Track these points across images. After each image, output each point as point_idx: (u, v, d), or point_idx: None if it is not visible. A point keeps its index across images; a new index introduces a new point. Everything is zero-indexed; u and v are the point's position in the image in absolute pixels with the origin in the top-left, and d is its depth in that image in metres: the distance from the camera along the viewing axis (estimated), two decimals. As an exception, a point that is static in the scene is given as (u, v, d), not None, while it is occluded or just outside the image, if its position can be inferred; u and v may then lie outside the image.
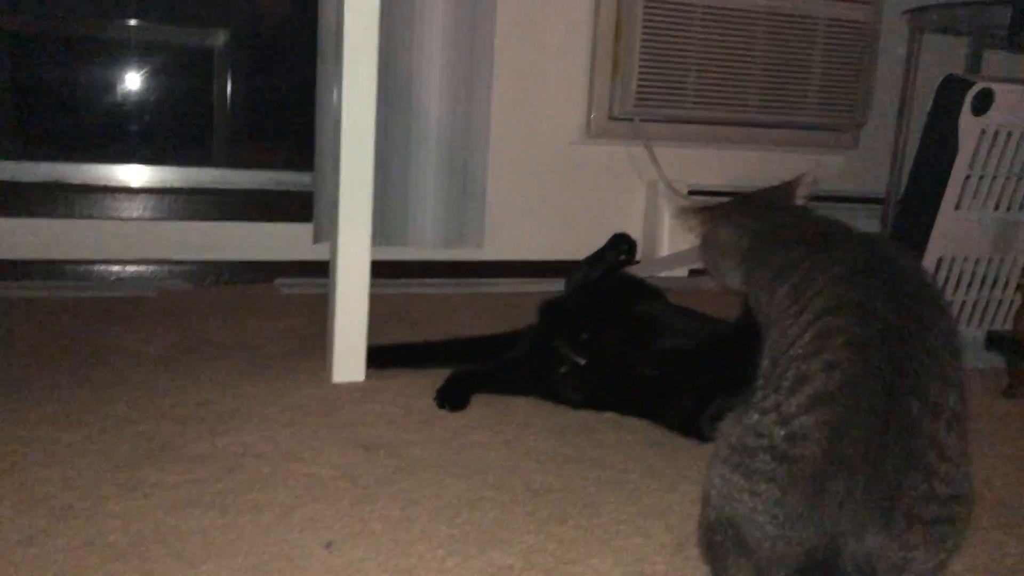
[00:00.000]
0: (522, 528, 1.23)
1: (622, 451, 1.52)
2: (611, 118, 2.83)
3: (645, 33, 2.73)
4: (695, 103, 2.83)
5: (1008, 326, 2.04)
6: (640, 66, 2.74)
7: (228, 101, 2.84)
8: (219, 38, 2.85)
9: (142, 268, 2.58)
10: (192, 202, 2.63)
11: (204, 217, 2.63)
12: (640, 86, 2.75)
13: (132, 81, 2.75)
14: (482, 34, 2.62)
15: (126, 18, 2.74)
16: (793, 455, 0.92)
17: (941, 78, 2.13)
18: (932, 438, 0.91)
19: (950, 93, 2.02)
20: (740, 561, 0.99)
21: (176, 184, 2.67)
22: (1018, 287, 2.03)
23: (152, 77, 2.77)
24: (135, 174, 2.65)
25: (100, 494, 1.25)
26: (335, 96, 1.76)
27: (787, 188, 1.40)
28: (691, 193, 2.93)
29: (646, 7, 2.71)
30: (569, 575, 1.12)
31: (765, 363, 1.06)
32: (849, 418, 0.91)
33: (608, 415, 1.69)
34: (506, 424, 1.62)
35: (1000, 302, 2.17)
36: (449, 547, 1.17)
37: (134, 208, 2.57)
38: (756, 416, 0.98)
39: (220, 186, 2.71)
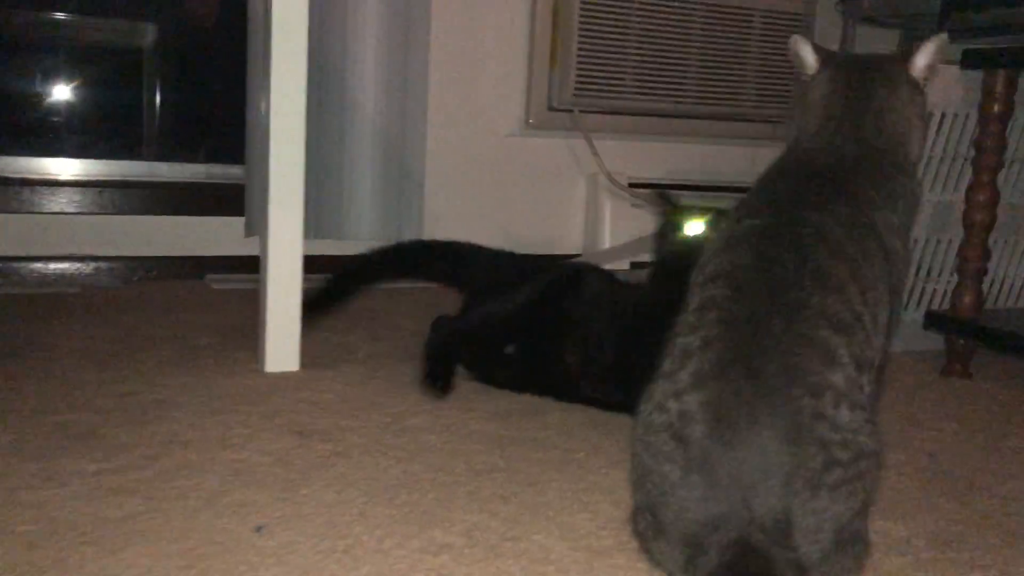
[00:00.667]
0: (464, 507, 1.18)
1: (566, 432, 1.49)
2: (550, 109, 2.80)
3: (583, 23, 2.71)
4: (634, 94, 2.82)
5: (946, 307, 2.05)
6: (578, 57, 2.73)
7: (158, 93, 2.75)
8: (149, 31, 2.76)
9: (67, 265, 2.47)
10: (120, 196, 2.53)
11: (132, 211, 2.53)
12: (579, 77, 2.73)
13: (59, 74, 2.65)
14: (417, 24, 2.57)
15: (55, 11, 2.64)
16: (685, 435, 0.92)
17: (875, 62, 2.15)
18: (816, 413, 0.90)
19: (885, 73, 2.03)
20: (662, 544, 0.97)
21: (103, 177, 2.56)
22: (955, 268, 2.05)
23: (81, 69, 2.67)
24: (60, 167, 2.54)
25: (9, 485, 1.17)
26: (264, 86, 1.71)
27: (899, 59, 1.19)
28: (631, 185, 2.92)
29: (583, -2, 2.70)
30: (513, 551, 1.07)
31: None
32: (728, 400, 0.91)
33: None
34: (447, 408, 1.57)
35: (937, 283, 2.19)
36: (387, 528, 1.11)
37: (59, 202, 2.46)
38: (659, 382, 0.98)
39: (149, 179, 2.62)
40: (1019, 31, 2.00)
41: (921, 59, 1.19)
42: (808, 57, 1.22)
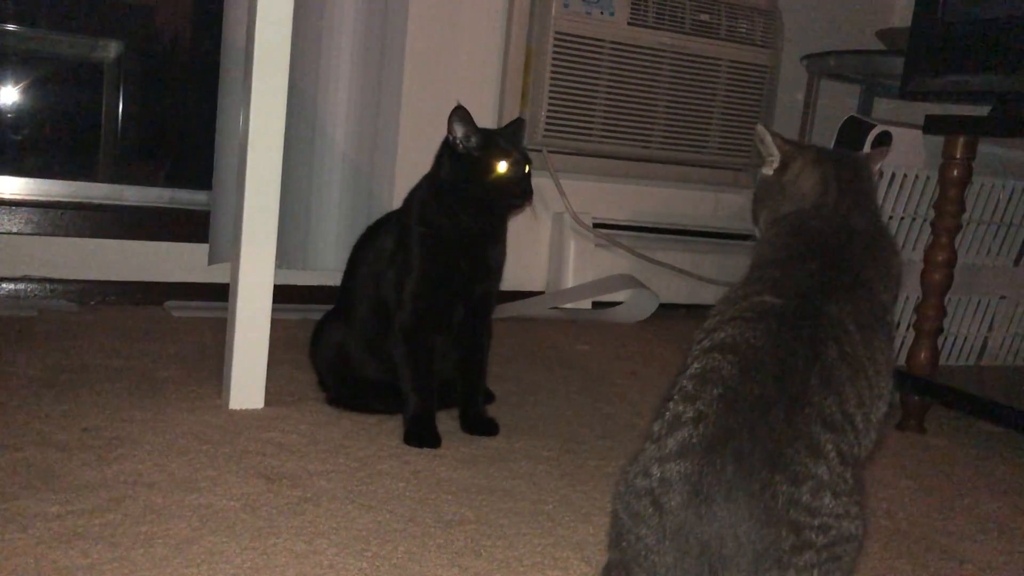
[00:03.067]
0: (435, 561, 1.18)
1: (535, 481, 1.49)
2: (519, 148, 2.82)
3: (555, 66, 2.75)
4: (602, 137, 2.86)
5: (902, 362, 2.10)
6: (549, 98, 2.76)
7: (119, 114, 2.72)
8: (111, 50, 2.72)
9: (21, 286, 2.42)
10: (77, 217, 2.48)
11: (90, 234, 2.49)
12: (549, 118, 2.76)
13: (13, 90, 2.60)
14: (390, 58, 2.59)
15: (7, 23, 2.59)
16: (663, 504, 0.94)
17: (840, 121, 2.21)
18: (791, 499, 0.92)
19: (852, 134, 2.09)
20: None
21: (60, 198, 2.52)
22: (911, 325, 2.10)
23: (37, 86, 2.63)
24: (14, 186, 2.49)
25: (-29, 527, 1.14)
26: (241, 115, 1.70)
27: (872, 158, 1.29)
28: (596, 226, 2.95)
29: (555, 41, 2.73)
30: (486, 610, 1.07)
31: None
32: (708, 475, 0.92)
33: (519, 444, 1.65)
34: (415, 454, 1.56)
35: (894, 340, 2.24)
36: (359, 582, 1.11)
37: (13, 222, 2.41)
38: (647, 445, 0.99)
39: (108, 202, 2.58)
40: (980, 98, 2.07)
41: (876, 163, 1.29)
42: (772, 148, 1.27)
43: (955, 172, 1.97)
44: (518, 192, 1.66)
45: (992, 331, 2.37)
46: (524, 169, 1.66)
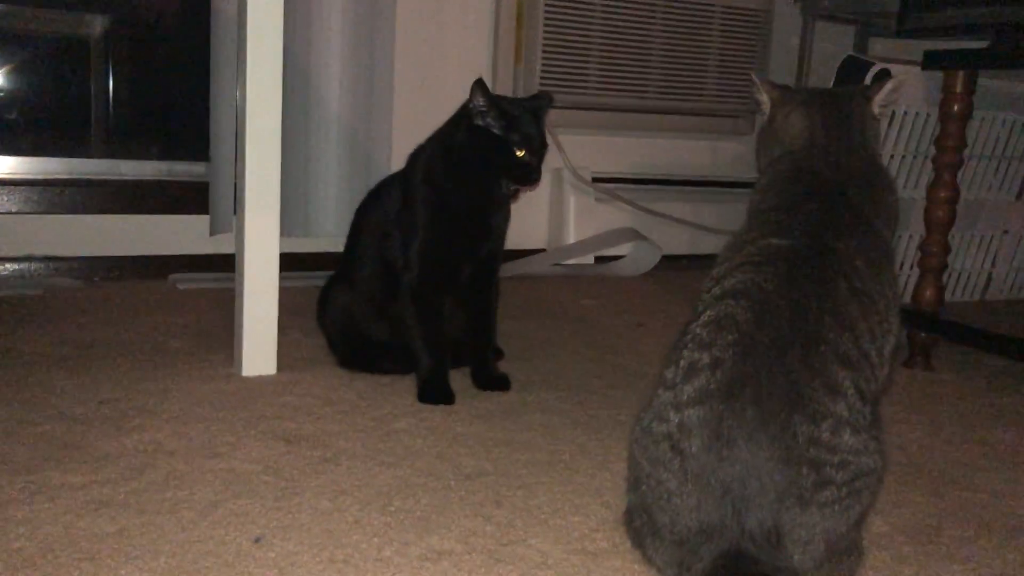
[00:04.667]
0: (458, 513, 1.19)
1: (550, 432, 1.50)
2: (515, 105, 2.81)
3: (547, 19, 2.72)
4: (598, 90, 2.85)
5: (908, 300, 2.11)
6: (543, 53, 2.74)
7: (110, 89, 2.69)
8: (99, 24, 2.70)
9: (25, 266, 2.42)
10: (76, 194, 2.48)
11: (90, 210, 2.49)
12: (543, 72, 2.75)
13: (2, 68, 2.58)
14: (382, 20, 2.56)
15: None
16: (683, 448, 0.95)
17: (839, 60, 2.20)
18: (812, 438, 0.93)
19: (851, 73, 2.08)
20: (656, 544, 1.01)
21: (57, 175, 2.51)
22: (915, 263, 2.11)
23: (24, 64, 2.60)
24: (9, 165, 2.48)
25: (0, 500, 1.15)
26: (237, 85, 1.69)
27: (866, 94, 1.27)
28: (595, 180, 2.94)
29: (547, -6, 2.71)
30: (512, 556, 1.09)
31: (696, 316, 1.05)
32: (729, 419, 0.94)
33: (532, 397, 1.67)
34: (430, 411, 1.57)
35: (899, 277, 2.25)
36: (385, 535, 1.12)
37: (12, 202, 2.41)
38: (661, 391, 1.00)
39: (105, 177, 2.57)
40: (977, 32, 2.06)
41: (880, 97, 1.27)
42: (762, 94, 1.28)
43: (955, 107, 1.96)
44: (527, 177, 1.63)
45: (995, 266, 2.38)
46: (540, 157, 1.63)
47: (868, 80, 2.04)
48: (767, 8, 2.99)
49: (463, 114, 1.65)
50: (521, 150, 1.60)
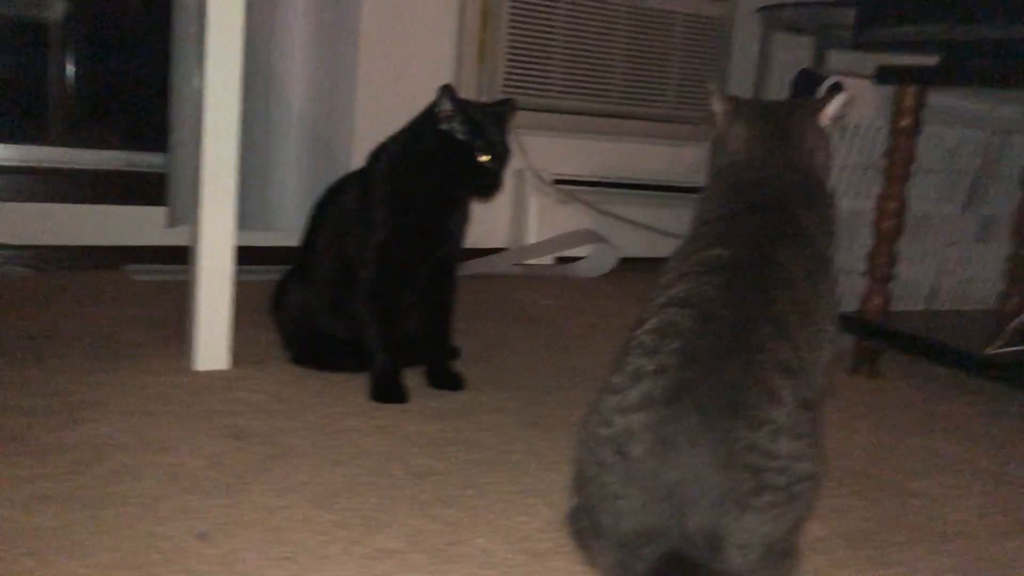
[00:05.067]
0: (405, 512, 1.21)
1: (501, 432, 1.52)
2: (478, 105, 2.82)
3: (512, 21, 2.74)
4: (560, 93, 2.87)
5: (855, 308, 2.15)
6: (507, 54, 2.75)
7: (69, 76, 2.66)
8: (60, 8, 2.66)
9: (-24, 253, 2.39)
10: (30, 182, 2.45)
11: (44, 198, 2.46)
12: (507, 74, 2.76)
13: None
14: (347, 14, 2.56)
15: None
16: (627, 452, 0.98)
17: (794, 73, 2.24)
18: (750, 444, 0.95)
19: (805, 85, 2.12)
20: (599, 545, 1.03)
21: (10, 162, 2.48)
22: (864, 272, 2.15)
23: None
24: (-34, 152, 2.45)
25: (-60, 492, 1.15)
26: (197, 75, 1.68)
27: (814, 107, 1.29)
28: (556, 182, 2.96)
29: (512, -5, 2.72)
30: (456, 556, 1.10)
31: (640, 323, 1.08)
32: (672, 425, 0.96)
33: (485, 397, 1.68)
34: (382, 409, 1.58)
35: (847, 287, 2.30)
36: (330, 533, 1.13)
37: (-34, 188, 2.37)
38: (607, 396, 1.02)
39: (62, 165, 2.54)
40: (930, 48, 2.10)
41: (830, 110, 1.29)
42: (718, 103, 1.31)
43: (905, 121, 2.01)
44: (489, 186, 1.64)
45: (941, 276, 2.44)
46: (502, 164, 1.64)
47: (821, 92, 2.07)
48: (728, 17, 3.03)
49: (428, 116, 1.65)
50: (485, 156, 1.61)
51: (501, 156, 1.63)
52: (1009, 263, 2.22)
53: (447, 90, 1.61)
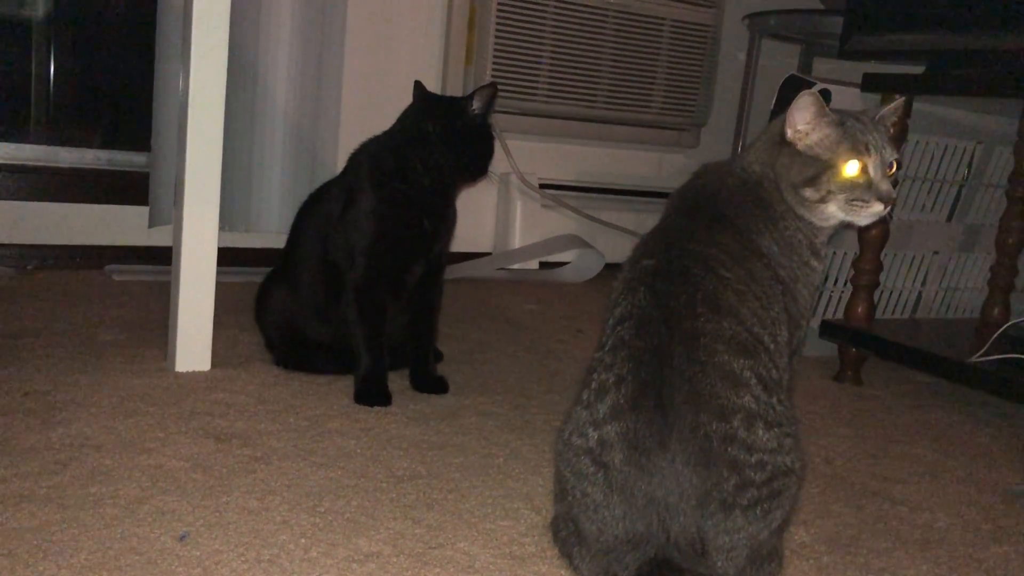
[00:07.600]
0: (388, 515, 1.19)
1: (485, 436, 1.51)
2: (464, 108, 2.81)
3: (499, 24, 2.73)
4: (547, 97, 2.86)
5: (840, 316, 2.16)
6: (494, 57, 2.75)
7: (51, 74, 2.63)
8: (43, 5, 2.64)
9: (-46, 251, 2.36)
10: (11, 180, 2.42)
11: (26, 197, 2.43)
12: (494, 77, 2.75)
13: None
14: (333, 18, 2.55)
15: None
16: (605, 461, 0.98)
17: (781, 79, 2.24)
18: (725, 435, 0.95)
19: (792, 91, 2.12)
20: (583, 552, 1.03)
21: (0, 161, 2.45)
22: (848, 280, 2.16)
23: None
24: (-54, 149, 2.42)
25: (-86, 492, 1.12)
26: (181, 76, 1.67)
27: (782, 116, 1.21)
28: (542, 186, 2.96)
29: (500, -1, 2.71)
30: (439, 559, 1.09)
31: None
32: (642, 430, 0.96)
33: (469, 400, 1.67)
34: (365, 412, 1.57)
35: (832, 294, 2.30)
36: (312, 536, 1.12)
37: (-54, 186, 2.34)
38: (579, 410, 1.03)
39: (43, 164, 2.51)
40: (915, 57, 2.12)
41: (797, 119, 1.17)
42: None
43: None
44: (484, 167, 1.75)
45: (925, 285, 2.44)
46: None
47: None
48: (715, 24, 3.04)
49: (452, 106, 1.73)
50: (493, 139, 1.77)
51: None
52: (993, 272, 2.23)
53: (418, 86, 1.74)
